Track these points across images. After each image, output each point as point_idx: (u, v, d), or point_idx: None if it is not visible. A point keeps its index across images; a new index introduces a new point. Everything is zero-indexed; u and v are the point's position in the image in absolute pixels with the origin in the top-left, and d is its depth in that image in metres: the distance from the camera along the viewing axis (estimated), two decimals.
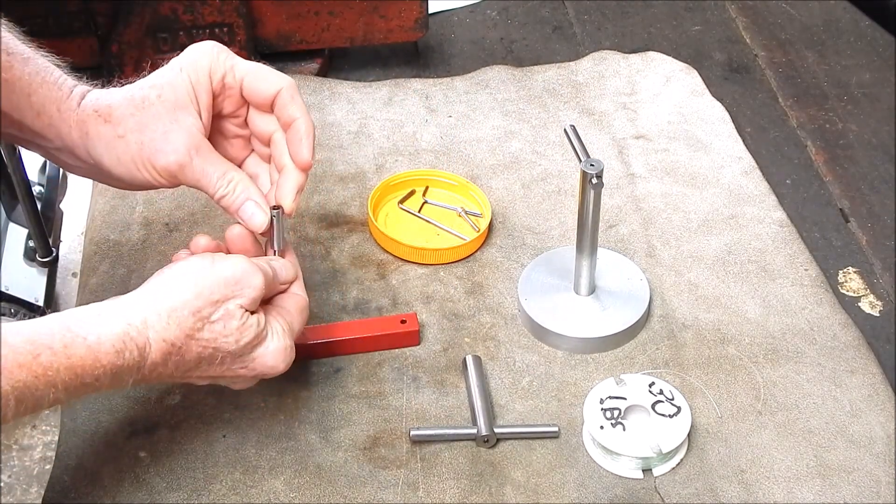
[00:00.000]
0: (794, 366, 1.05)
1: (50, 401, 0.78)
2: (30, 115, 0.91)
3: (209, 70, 0.94)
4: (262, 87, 0.95)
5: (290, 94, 0.96)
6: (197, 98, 0.94)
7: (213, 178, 0.94)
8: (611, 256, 1.13)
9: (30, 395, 0.76)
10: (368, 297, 1.12)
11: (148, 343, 0.83)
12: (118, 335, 0.82)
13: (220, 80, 0.95)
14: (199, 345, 0.86)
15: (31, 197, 1.19)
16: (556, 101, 1.36)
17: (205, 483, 0.95)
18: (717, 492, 0.94)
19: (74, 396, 0.80)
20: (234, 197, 0.94)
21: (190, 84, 0.94)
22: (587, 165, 0.99)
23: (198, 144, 0.93)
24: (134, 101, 0.93)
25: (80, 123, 0.93)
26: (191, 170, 0.93)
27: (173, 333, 0.84)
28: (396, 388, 1.03)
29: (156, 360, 0.84)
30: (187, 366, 0.86)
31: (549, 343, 1.07)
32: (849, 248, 1.20)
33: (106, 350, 0.81)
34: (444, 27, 1.52)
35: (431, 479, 0.96)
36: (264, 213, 0.95)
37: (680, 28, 1.52)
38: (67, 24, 1.34)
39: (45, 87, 0.92)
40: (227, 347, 0.87)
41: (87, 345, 0.80)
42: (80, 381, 0.79)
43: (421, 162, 1.27)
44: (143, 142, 0.92)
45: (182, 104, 0.93)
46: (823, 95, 1.40)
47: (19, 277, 1.05)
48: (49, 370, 0.77)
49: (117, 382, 0.82)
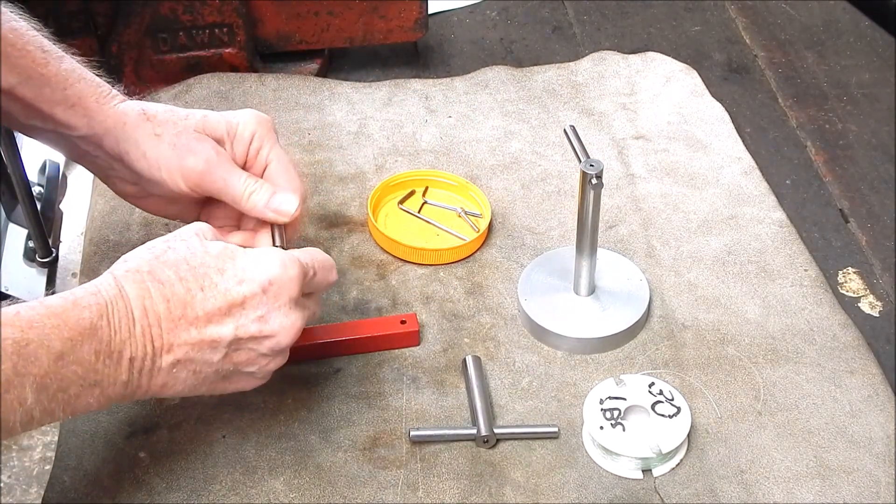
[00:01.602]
0: (794, 366, 1.05)
1: (50, 358, 0.77)
2: (62, 106, 0.96)
3: (253, 133, 1.00)
4: (279, 182, 1.00)
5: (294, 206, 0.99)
6: (233, 143, 1.00)
7: (241, 177, 0.98)
8: (610, 257, 1.13)
9: (27, 354, 0.75)
10: (368, 297, 1.12)
11: (119, 282, 0.83)
12: (88, 286, 0.83)
13: (257, 149, 1.01)
14: (173, 269, 0.84)
15: (30, 197, 1.19)
16: (556, 101, 1.36)
17: (204, 483, 0.95)
18: (717, 492, 0.94)
19: (74, 358, 0.78)
20: (262, 192, 0.98)
21: (234, 129, 1.00)
22: (587, 166, 0.99)
23: (224, 157, 0.99)
24: (177, 114, 0.99)
25: (120, 115, 0.98)
26: (217, 172, 0.97)
27: (136, 264, 0.85)
28: (396, 388, 1.03)
29: (139, 295, 0.83)
30: (178, 304, 0.84)
31: (548, 343, 1.07)
32: (848, 249, 1.20)
33: (82, 293, 0.81)
34: (444, 27, 1.51)
35: (431, 479, 0.96)
36: (295, 197, 0.98)
37: (680, 28, 1.52)
38: (67, 25, 1.34)
39: (82, 83, 0.97)
40: (204, 261, 0.86)
41: (60, 296, 0.81)
42: (69, 329, 0.78)
43: (421, 162, 1.27)
44: (176, 144, 0.97)
45: (218, 136, 1.00)
46: (823, 96, 1.40)
47: (19, 277, 1.05)
48: (34, 322, 0.77)
49: (114, 336, 0.81)
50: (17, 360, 0.75)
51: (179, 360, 0.85)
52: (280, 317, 0.88)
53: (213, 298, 0.85)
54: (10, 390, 0.75)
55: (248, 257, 0.88)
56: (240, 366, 0.88)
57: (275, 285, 0.87)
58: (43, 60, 0.94)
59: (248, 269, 0.87)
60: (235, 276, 0.86)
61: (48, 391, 0.77)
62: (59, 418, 0.80)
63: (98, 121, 0.97)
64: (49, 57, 0.95)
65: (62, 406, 0.79)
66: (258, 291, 0.87)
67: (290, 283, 0.88)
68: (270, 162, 1.01)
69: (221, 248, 0.88)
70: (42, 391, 0.77)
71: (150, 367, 0.83)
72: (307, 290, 0.92)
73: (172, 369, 0.85)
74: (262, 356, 0.89)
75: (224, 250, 0.88)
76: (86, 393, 0.80)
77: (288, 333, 0.89)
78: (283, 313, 0.88)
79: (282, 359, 0.91)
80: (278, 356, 0.90)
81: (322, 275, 0.93)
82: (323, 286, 0.94)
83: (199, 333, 0.85)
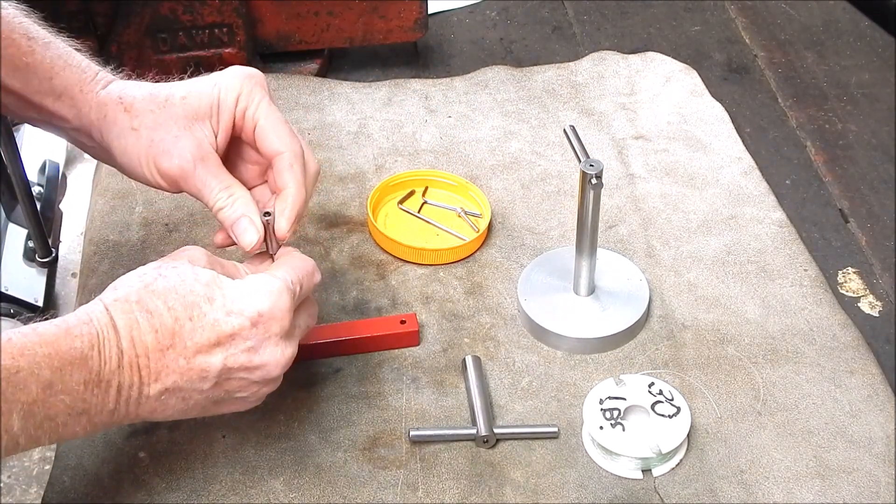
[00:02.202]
0: (794, 366, 1.05)
1: (39, 386, 0.76)
2: (51, 97, 0.93)
3: (238, 95, 0.95)
4: (268, 141, 0.96)
5: (289, 161, 0.95)
6: (218, 115, 0.95)
7: (214, 189, 0.94)
8: (610, 257, 1.13)
9: (16, 381, 0.75)
10: (368, 297, 1.12)
11: (110, 311, 0.82)
12: (80, 313, 0.82)
13: (243, 111, 0.96)
14: (161, 298, 0.83)
15: (30, 197, 1.19)
16: (556, 101, 1.36)
17: (204, 483, 0.95)
18: (717, 492, 0.94)
19: (63, 388, 0.77)
20: (231, 210, 0.94)
21: (217, 99, 0.95)
22: (587, 166, 0.99)
23: (205, 155, 0.94)
24: (157, 99, 0.94)
25: (100, 105, 0.94)
26: (193, 178, 0.93)
27: (125, 293, 0.83)
28: (396, 388, 1.03)
29: (127, 325, 0.81)
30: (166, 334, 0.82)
31: (548, 343, 1.07)
32: (848, 249, 1.20)
33: (74, 322, 0.80)
34: (444, 27, 1.52)
35: (431, 479, 0.96)
36: (256, 232, 0.93)
37: (679, 28, 1.52)
38: (67, 25, 1.33)
39: (68, 70, 0.93)
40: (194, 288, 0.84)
41: (53, 323, 0.80)
42: (60, 358, 0.77)
43: (420, 162, 1.27)
44: (153, 140, 0.93)
45: (202, 115, 0.94)
46: (823, 96, 1.40)
47: (19, 278, 1.05)
48: (25, 349, 0.76)
49: (104, 366, 0.80)
50: (6, 387, 0.74)
51: (168, 388, 0.83)
52: (270, 347, 0.86)
53: (201, 329, 0.83)
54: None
55: (238, 288, 0.86)
56: (231, 392, 0.87)
57: (265, 317, 0.85)
58: (28, 49, 0.91)
59: (237, 301, 0.85)
60: (224, 307, 0.84)
61: (35, 419, 0.76)
62: (44, 444, 0.79)
63: (84, 112, 0.94)
64: (35, 45, 0.92)
65: (48, 434, 0.78)
66: (247, 324, 0.85)
67: (280, 315, 0.86)
68: (257, 121, 0.96)
69: (211, 276, 0.86)
70: (29, 419, 0.76)
71: (136, 396, 0.82)
72: (296, 304, 0.90)
73: (161, 396, 0.83)
74: (253, 383, 0.87)
75: (213, 279, 0.86)
76: (72, 421, 0.79)
77: (278, 364, 0.87)
78: (272, 344, 0.86)
79: (274, 385, 0.89)
80: (270, 383, 0.88)
81: (307, 283, 0.91)
82: (309, 291, 0.92)
83: (188, 363, 0.83)
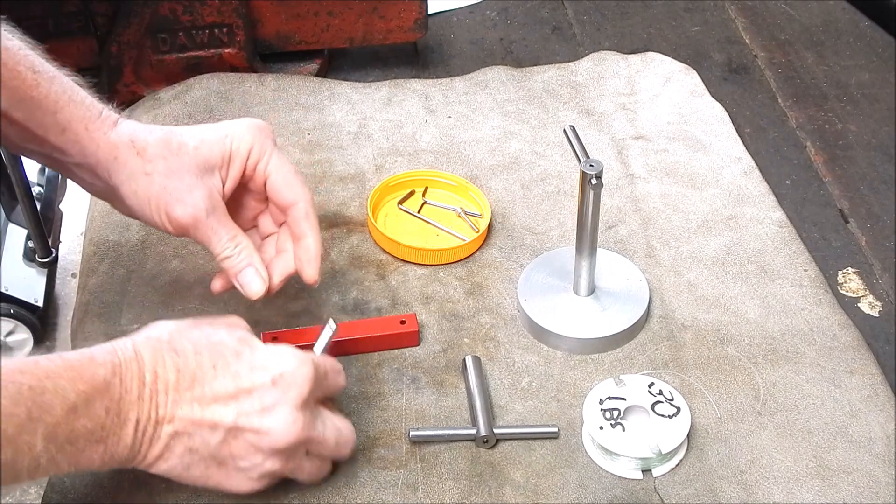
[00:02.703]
0: (794, 366, 1.05)
1: (64, 408, 0.77)
2: (54, 131, 0.94)
3: (250, 148, 0.98)
4: (282, 193, 1.00)
5: (305, 210, 1.00)
6: (229, 166, 0.98)
7: (222, 239, 0.97)
8: (610, 257, 1.14)
9: (42, 402, 0.76)
10: (368, 297, 1.12)
11: (137, 347, 0.84)
12: (106, 345, 0.83)
13: (255, 163, 0.99)
14: (191, 343, 0.85)
15: (30, 197, 1.19)
16: (556, 101, 1.36)
17: None
18: (717, 492, 0.94)
19: (86, 412, 0.79)
20: (237, 260, 0.97)
21: (229, 152, 0.98)
22: (587, 166, 0.99)
23: (216, 206, 0.97)
24: (170, 145, 0.96)
25: (111, 146, 0.95)
26: (203, 227, 0.96)
27: (157, 334, 0.85)
28: (396, 388, 1.03)
29: (152, 360, 0.83)
30: (187, 376, 0.84)
31: (548, 344, 1.07)
32: (848, 249, 1.20)
33: (99, 351, 0.82)
34: (444, 28, 1.51)
35: (431, 479, 0.96)
36: (262, 281, 0.98)
37: (679, 28, 1.52)
38: (66, 25, 1.34)
39: (72, 106, 0.94)
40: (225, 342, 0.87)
41: (79, 352, 0.81)
42: (84, 382, 0.79)
43: (420, 162, 1.27)
44: (166, 187, 0.95)
45: (212, 165, 0.97)
46: (823, 96, 1.40)
47: (19, 278, 1.05)
48: (51, 372, 0.78)
49: (125, 395, 0.81)
50: (32, 406, 0.76)
51: (178, 431, 0.84)
52: (284, 412, 0.85)
53: (222, 378, 0.85)
54: (21, 434, 0.75)
55: (266, 350, 0.88)
56: (235, 457, 0.86)
57: (285, 378, 0.86)
58: (34, 82, 0.92)
59: (262, 359, 0.87)
60: (250, 363, 0.86)
61: (57, 441, 0.78)
62: (62, 471, 0.80)
63: (90, 151, 0.95)
64: (40, 78, 0.92)
65: (67, 459, 0.79)
66: (267, 382, 0.85)
67: (300, 381, 0.87)
68: (269, 174, 1.00)
69: (244, 335, 0.88)
70: (51, 440, 0.77)
71: (151, 433, 0.83)
72: (319, 392, 0.90)
73: (170, 440, 0.84)
74: (258, 451, 0.86)
75: (246, 338, 0.88)
76: (90, 449, 0.80)
77: (287, 434, 0.86)
78: (286, 410, 0.86)
79: (279, 463, 0.88)
80: (275, 458, 0.87)
81: (332, 377, 0.93)
82: (333, 389, 0.93)
83: (202, 411, 0.84)
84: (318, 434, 0.89)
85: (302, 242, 1.00)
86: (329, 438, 0.91)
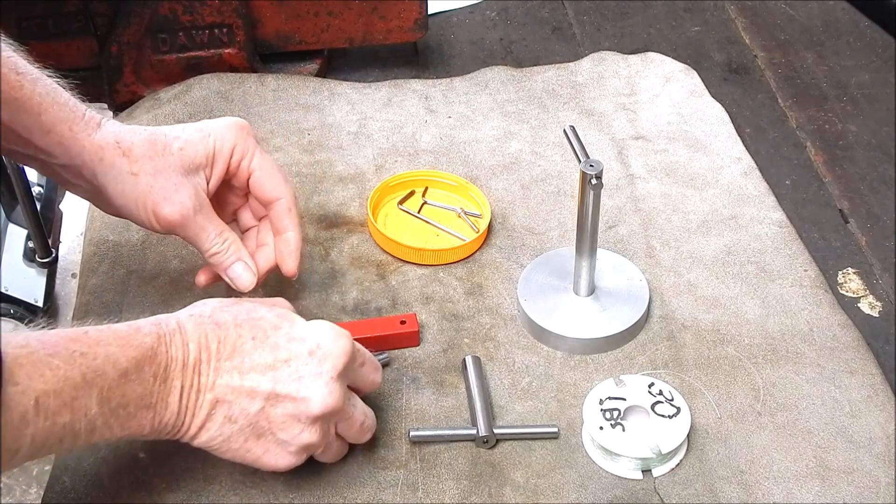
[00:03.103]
0: (794, 366, 1.05)
1: (116, 372, 0.79)
2: (38, 132, 0.94)
3: (233, 147, 1.00)
4: (265, 189, 1.02)
5: (287, 206, 1.03)
6: (213, 166, 1.00)
7: (210, 235, 1.00)
8: (610, 257, 1.14)
9: (95, 367, 0.78)
10: (368, 297, 1.12)
11: (180, 321, 0.86)
12: (151, 318, 0.86)
13: (238, 161, 1.01)
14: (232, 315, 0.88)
15: (30, 198, 1.19)
16: (556, 101, 1.36)
17: (204, 484, 0.95)
18: (717, 492, 0.94)
19: (137, 377, 0.81)
20: (226, 256, 1.00)
21: (212, 152, 1.00)
22: (587, 166, 0.99)
23: (202, 204, 0.99)
24: (155, 146, 0.98)
25: (96, 148, 0.96)
26: (191, 224, 0.99)
27: (199, 310, 0.88)
28: (396, 388, 1.03)
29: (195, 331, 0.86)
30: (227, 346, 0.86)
31: (548, 344, 1.07)
32: (848, 249, 1.20)
33: (144, 323, 0.85)
34: (444, 28, 1.51)
35: (431, 479, 0.96)
36: (252, 275, 1.01)
37: (679, 29, 1.52)
38: (66, 25, 1.34)
39: (57, 107, 0.95)
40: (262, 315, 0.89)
41: (125, 324, 0.84)
42: (134, 349, 0.81)
43: (420, 163, 1.27)
44: (153, 186, 0.97)
45: (197, 166, 0.99)
46: (823, 96, 1.40)
47: (19, 278, 1.05)
48: (101, 341, 0.80)
49: (171, 363, 0.84)
50: (87, 371, 0.78)
51: (219, 399, 0.86)
52: (319, 383, 0.87)
53: (261, 349, 0.87)
54: (77, 397, 0.77)
55: (306, 323, 0.90)
56: (274, 426, 0.88)
57: (322, 350, 0.88)
58: (17, 84, 0.92)
59: (301, 331, 0.89)
60: (288, 335, 0.88)
61: (110, 404, 0.80)
62: (115, 436, 0.82)
63: (75, 152, 0.96)
64: (23, 80, 0.93)
65: (120, 423, 0.81)
66: (304, 353, 0.87)
67: (337, 353, 0.88)
68: (253, 171, 1.02)
69: (285, 311, 0.91)
70: (105, 404, 0.79)
71: (195, 400, 0.85)
72: (352, 377, 0.92)
73: (212, 409, 0.86)
74: (297, 421, 0.88)
75: (286, 314, 0.90)
76: (141, 414, 0.83)
77: (323, 402, 0.87)
78: (322, 381, 0.87)
79: (317, 435, 0.89)
80: (313, 427, 0.88)
81: (369, 368, 0.94)
82: (367, 382, 0.94)
83: (241, 379, 0.86)
84: (349, 410, 0.91)
85: (283, 236, 1.03)
86: (357, 418, 0.93)
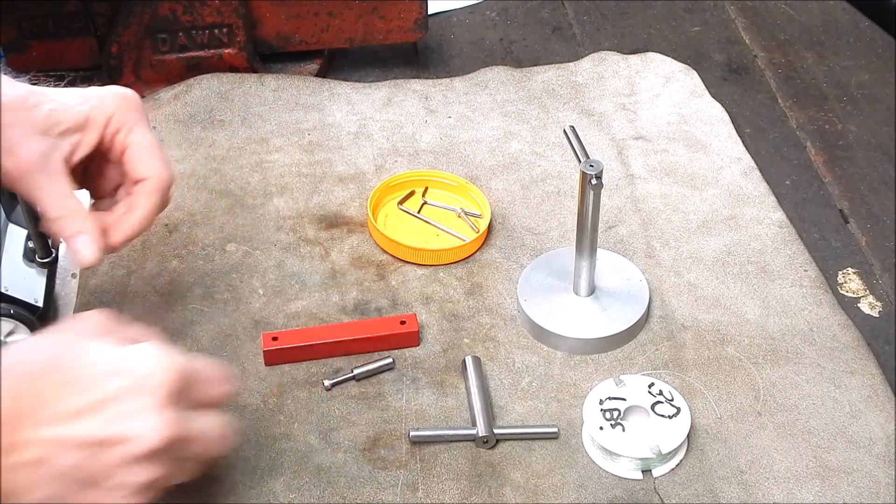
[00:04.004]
0: (794, 366, 1.05)
1: None
2: None
3: (110, 116, 0.94)
4: (136, 166, 0.95)
5: (153, 187, 0.95)
6: (84, 133, 0.94)
7: (53, 197, 0.92)
8: (610, 257, 1.13)
9: None
10: (368, 297, 1.12)
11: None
12: None
13: (114, 132, 0.95)
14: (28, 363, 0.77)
15: None
16: (556, 101, 1.36)
17: (204, 484, 0.95)
18: (717, 493, 0.94)
19: None
20: (68, 223, 0.92)
21: (85, 118, 0.93)
22: (586, 166, 0.99)
23: (52, 165, 0.91)
24: (25, 102, 0.92)
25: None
26: (28, 180, 0.91)
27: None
28: (396, 388, 1.03)
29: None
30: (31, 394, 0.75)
31: (548, 344, 1.07)
32: (848, 249, 1.20)
33: None
34: (444, 28, 1.51)
35: (431, 479, 0.96)
36: (97, 249, 0.93)
37: (679, 29, 1.52)
38: (66, 25, 1.34)
39: None
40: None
41: None
42: None
43: (420, 163, 1.27)
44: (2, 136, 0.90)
45: (64, 130, 0.92)
46: (823, 96, 1.40)
47: (18, 278, 1.05)
48: None
49: None
50: None
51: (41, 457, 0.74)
52: (145, 416, 0.76)
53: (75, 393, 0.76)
54: None
55: (125, 351, 0.79)
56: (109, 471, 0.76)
57: (146, 379, 0.77)
58: None
59: (119, 362, 0.78)
60: (104, 369, 0.77)
61: None
62: None
63: None
64: None
65: None
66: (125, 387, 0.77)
67: (162, 380, 0.78)
68: (128, 146, 0.94)
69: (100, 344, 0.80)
70: None
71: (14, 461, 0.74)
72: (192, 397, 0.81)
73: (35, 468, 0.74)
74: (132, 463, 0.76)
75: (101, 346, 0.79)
76: None
77: (154, 437, 0.76)
78: (150, 414, 0.76)
79: (156, 471, 0.77)
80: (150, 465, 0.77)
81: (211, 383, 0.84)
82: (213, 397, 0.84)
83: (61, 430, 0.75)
84: (193, 433, 0.80)
85: (130, 213, 0.95)
86: (207, 435, 0.82)
